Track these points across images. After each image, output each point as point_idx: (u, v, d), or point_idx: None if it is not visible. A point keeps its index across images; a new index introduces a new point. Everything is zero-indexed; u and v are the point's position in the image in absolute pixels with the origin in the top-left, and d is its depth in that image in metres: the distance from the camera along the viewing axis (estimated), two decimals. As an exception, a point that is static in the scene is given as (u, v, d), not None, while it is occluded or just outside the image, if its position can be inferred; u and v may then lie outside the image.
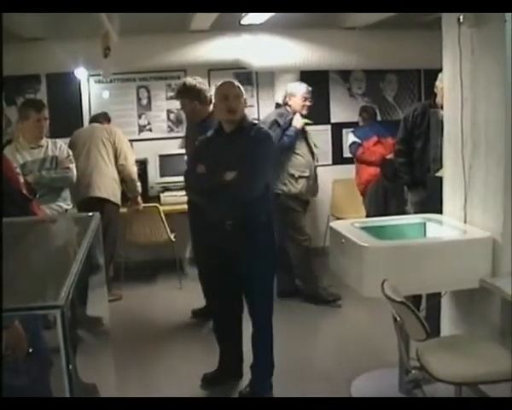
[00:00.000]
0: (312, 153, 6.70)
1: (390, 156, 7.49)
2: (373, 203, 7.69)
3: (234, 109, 4.43)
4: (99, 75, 8.00)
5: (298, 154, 6.55)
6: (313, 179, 6.68)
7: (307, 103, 6.66)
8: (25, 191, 3.73)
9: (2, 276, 1.81)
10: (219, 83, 4.64)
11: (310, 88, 6.73)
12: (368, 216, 7.45)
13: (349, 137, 8.04)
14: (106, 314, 4.84)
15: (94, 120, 7.22)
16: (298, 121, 6.54)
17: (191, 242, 6.76)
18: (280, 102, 6.87)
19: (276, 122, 6.41)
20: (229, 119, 4.47)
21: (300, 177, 6.49)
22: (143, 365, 5.26)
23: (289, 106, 6.59)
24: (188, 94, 5.77)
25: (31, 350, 3.21)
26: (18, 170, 4.96)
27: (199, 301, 6.19)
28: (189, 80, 5.85)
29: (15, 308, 1.83)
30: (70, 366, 1.61)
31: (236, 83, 4.59)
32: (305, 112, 6.64)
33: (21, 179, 3.89)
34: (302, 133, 6.61)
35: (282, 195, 6.41)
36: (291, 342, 5.57)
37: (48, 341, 3.71)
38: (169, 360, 5.40)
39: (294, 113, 6.55)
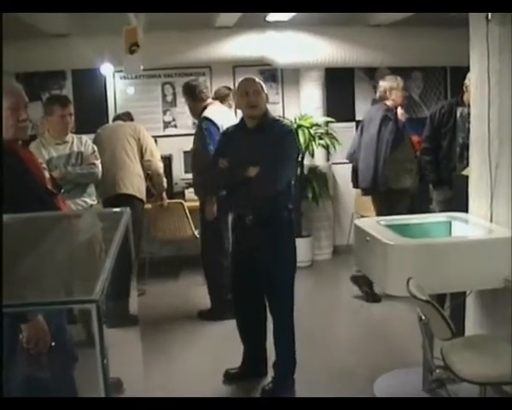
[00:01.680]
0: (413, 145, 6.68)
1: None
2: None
3: (254, 104, 4.48)
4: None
5: (406, 147, 6.51)
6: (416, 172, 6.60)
7: (406, 95, 6.68)
8: (50, 186, 3.75)
9: (2, 273, 1.81)
10: (240, 80, 4.69)
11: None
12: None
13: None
14: (136, 309, 4.90)
15: (117, 118, 7.24)
16: (402, 114, 6.54)
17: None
18: (376, 97, 6.78)
19: (387, 117, 6.38)
20: (250, 114, 4.53)
21: (411, 170, 6.43)
22: (167, 360, 5.28)
23: (391, 100, 6.49)
24: (184, 92, 6.37)
25: (53, 344, 3.24)
26: (44, 165, 4.99)
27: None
28: (188, 81, 6.50)
29: (50, 302, 1.85)
30: (105, 361, 1.62)
31: (257, 79, 4.64)
32: (403, 104, 6.65)
33: (47, 174, 3.90)
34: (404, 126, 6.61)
35: (397, 190, 6.39)
36: (314, 339, 5.57)
37: (72, 335, 3.75)
38: (192, 355, 5.42)
39: (396, 106, 6.50)
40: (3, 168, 3.23)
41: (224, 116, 6.05)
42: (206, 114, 6.01)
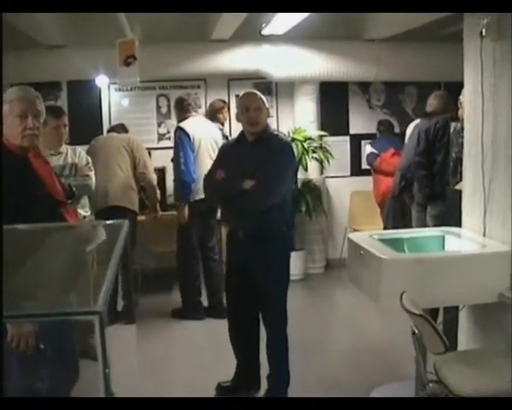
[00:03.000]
0: None
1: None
2: (390, 215, 7.66)
3: (254, 122, 4.46)
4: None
5: None
6: None
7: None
8: (60, 195, 3.75)
9: (2, 279, 1.82)
10: (242, 93, 4.68)
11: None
12: (385, 228, 7.42)
13: (366, 149, 8.04)
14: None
15: (111, 130, 7.24)
16: None
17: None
18: (430, 110, 6.28)
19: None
20: (250, 130, 4.51)
21: None
22: (158, 373, 5.26)
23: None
24: (175, 105, 6.84)
25: (42, 346, 3.23)
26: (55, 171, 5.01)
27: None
28: (180, 95, 6.92)
29: (54, 313, 1.85)
30: (107, 371, 1.63)
31: (259, 94, 4.60)
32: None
33: (57, 182, 3.87)
34: None
35: None
36: (308, 352, 5.56)
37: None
38: (184, 368, 5.40)
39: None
40: (11, 174, 3.26)
41: (200, 127, 6.49)
42: (181, 124, 6.42)
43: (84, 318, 1.85)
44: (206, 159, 6.33)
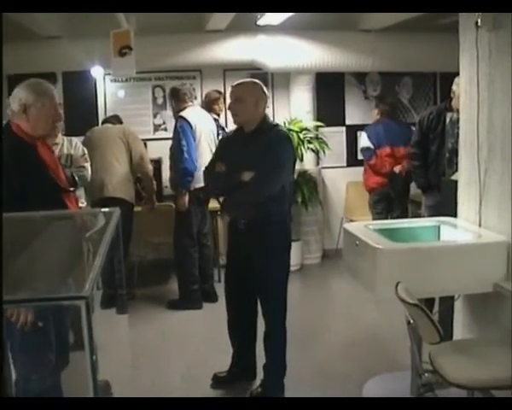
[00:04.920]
0: None
1: (398, 168, 7.50)
2: (375, 213, 7.67)
3: (234, 113, 4.56)
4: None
5: None
6: None
7: None
8: (64, 183, 3.82)
9: (2, 269, 1.82)
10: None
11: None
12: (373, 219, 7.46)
13: (362, 137, 7.98)
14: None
15: (106, 121, 7.23)
16: None
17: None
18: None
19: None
20: (234, 121, 4.63)
21: None
22: (154, 363, 5.27)
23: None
24: (170, 95, 6.85)
25: (41, 324, 3.26)
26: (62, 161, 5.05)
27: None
28: (174, 85, 6.91)
29: (42, 298, 1.86)
30: (94, 357, 1.63)
31: (249, 85, 4.65)
32: None
33: (61, 171, 3.93)
34: None
35: None
36: (304, 343, 5.57)
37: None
38: (180, 359, 5.41)
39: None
40: (20, 160, 3.37)
41: (200, 118, 6.55)
42: (182, 113, 6.42)
43: (70, 303, 1.85)
44: (205, 148, 6.43)
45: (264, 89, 4.65)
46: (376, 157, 7.62)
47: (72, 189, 4.12)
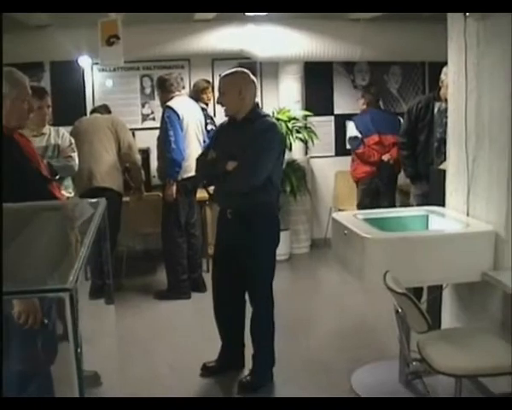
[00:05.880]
0: None
1: (387, 157, 7.50)
2: (362, 202, 7.67)
3: (222, 105, 4.57)
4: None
5: None
6: None
7: None
8: (45, 173, 3.80)
9: (2, 262, 1.81)
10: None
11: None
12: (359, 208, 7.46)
13: (349, 128, 7.98)
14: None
15: (94, 111, 7.20)
16: None
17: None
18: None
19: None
20: (224, 112, 4.61)
21: None
22: (143, 354, 5.27)
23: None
24: (157, 85, 6.84)
25: (46, 321, 3.25)
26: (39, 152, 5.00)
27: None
28: (161, 74, 6.88)
29: (25, 291, 1.84)
30: (79, 350, 1.62)
31: (229, 77, 4.64)
32: None
33: (40, 160, 3.91)
34: None
35: None
36: (292, 332, 5.58)
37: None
38: (169, 349, 5.41)
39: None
40: (3, 154, 3.29)
41: (187, 107, 6.53)
42: (169, 103, 6.39)
43: (54, 295, 1.84)
44: (193, 138, 6.43)
45: (252, 77, 4.65)
46: (364, 146, 7.62)
47: (56, 177, 4.11)
